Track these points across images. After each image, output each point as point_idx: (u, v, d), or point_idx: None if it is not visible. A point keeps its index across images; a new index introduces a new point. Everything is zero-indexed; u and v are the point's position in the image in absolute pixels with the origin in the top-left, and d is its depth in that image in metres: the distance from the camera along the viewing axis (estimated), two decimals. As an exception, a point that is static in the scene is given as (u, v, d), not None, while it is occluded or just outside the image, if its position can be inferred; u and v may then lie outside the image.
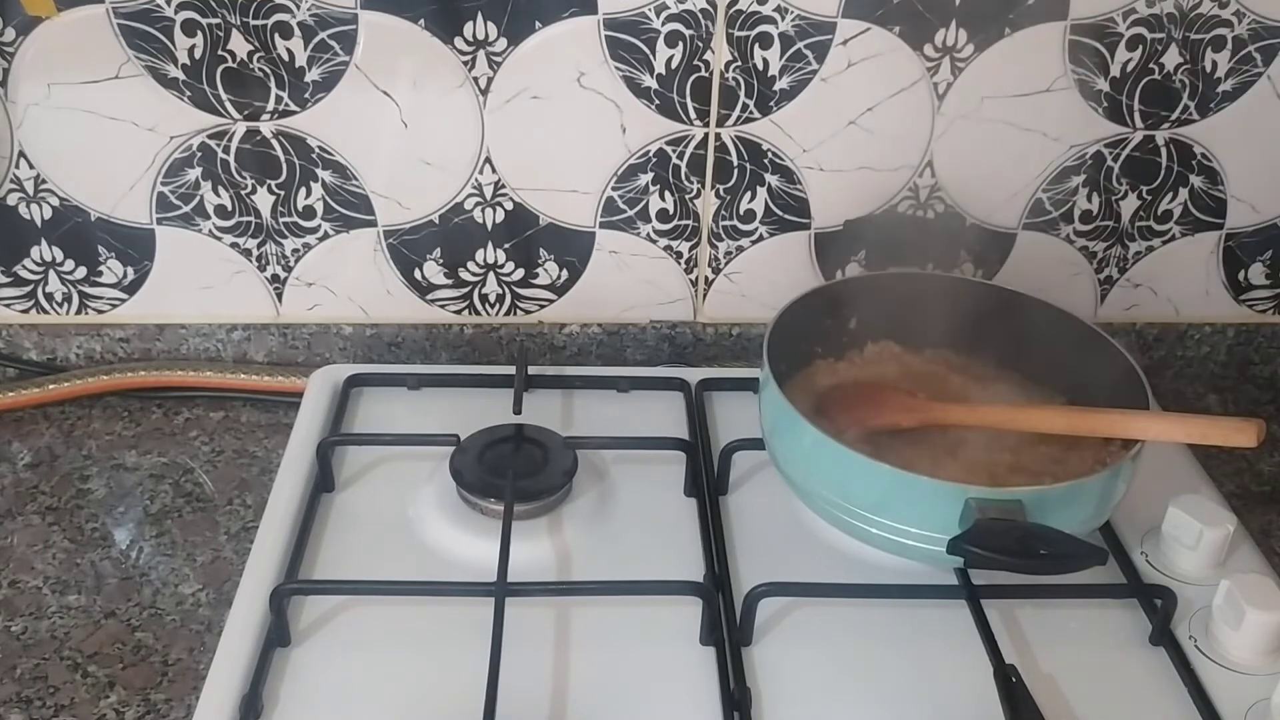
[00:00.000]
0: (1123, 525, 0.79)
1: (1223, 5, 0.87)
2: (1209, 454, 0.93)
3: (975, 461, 0.76)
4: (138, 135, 0.88)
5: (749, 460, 0.82)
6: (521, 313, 0.99)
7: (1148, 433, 0.71)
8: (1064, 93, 0.90)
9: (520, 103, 0.89)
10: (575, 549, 0.76)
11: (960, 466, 0.76)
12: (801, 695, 0.67)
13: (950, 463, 0.76)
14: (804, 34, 0.87)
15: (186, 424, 0.94)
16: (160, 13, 0.84)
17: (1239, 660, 0.69)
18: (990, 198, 0.95)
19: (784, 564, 0.75)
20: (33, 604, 0.76)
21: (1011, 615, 0.72)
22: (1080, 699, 0.67)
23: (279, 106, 0.88)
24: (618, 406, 0.90)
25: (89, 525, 0.83)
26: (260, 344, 0.98)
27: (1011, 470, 0.75)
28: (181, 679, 0.71)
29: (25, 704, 0.69)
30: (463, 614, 0.69)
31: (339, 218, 0.93)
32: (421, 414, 0.88)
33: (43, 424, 0.93)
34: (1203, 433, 0.71)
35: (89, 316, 0.97)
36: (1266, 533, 0.86)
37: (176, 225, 0.93)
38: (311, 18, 0.85)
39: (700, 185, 0.93)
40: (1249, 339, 1.03)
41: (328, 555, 0.76)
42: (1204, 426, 0.72)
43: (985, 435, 0.77)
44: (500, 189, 0.93)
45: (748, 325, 1.00)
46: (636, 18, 0.86)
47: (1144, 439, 0.71)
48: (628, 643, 0.70)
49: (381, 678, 0.67)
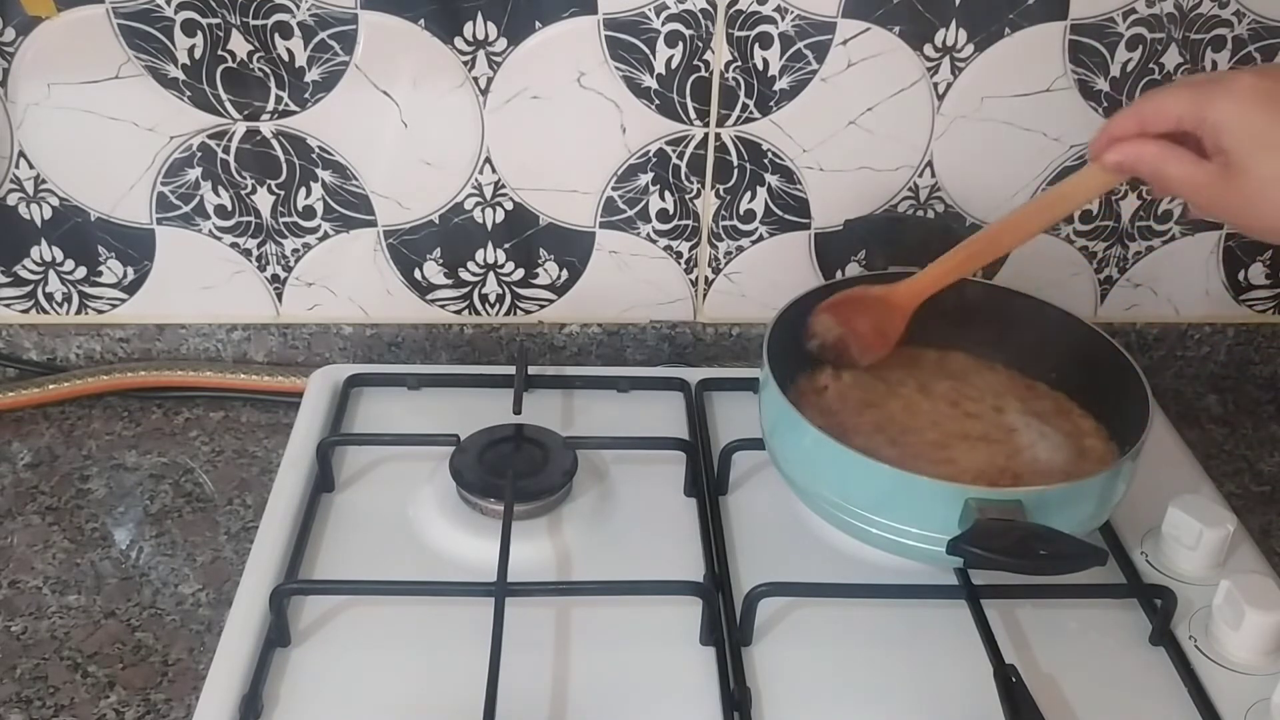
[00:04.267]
0: (1123, 525, 0.79)
1: (1223, 5, 0.87)
2: (1209, 454, 0.94)
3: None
4: (138, 135, 0.88)
5: (749, 460, 0.82)
6: (521, 313, 0.99)
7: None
8: (1064, 93, 0.90)
9: (520, 103, 0.89)
10: (575, 549, 0.76)
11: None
12: (801, 695, 0.67)
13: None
14: (804, 34, 0.87)
15: (186, 424, 0.94)
16: (160, 13, 0.84)
17: (1239, 660, 0.69)
18: (990, 198, 0.95)
19: (784, 564, 0.75)
20: (33, 604, 0.76)
21: (1011, 615, 0.72)
22: (1080, 699, 0.67)
23: (279, 106, 0.88)
24: (618, 406, 0.90)
25: (89, 525, 0.83)
26: (260, 344, 0.98)
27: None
28: (181, 679, 0.71)
29: (25, 704, 0.69)
30: (463, 614, 0.69)
31: (339, 218, 0.93)
32: (421, 414, 0.88)
33: (43, 424, 0.93)
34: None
35: (89, 316, 0.97)
36: (1266, 533, 0.86)
37: (176, 225, 0.93)
38: (311, 18, 0.85)
39: (700, 185, 0.93)
40: (1249, 339, 1.03)
41: (328, 555, 0.76)
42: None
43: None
44: (500, 189, 0.93)
45: (748, 325, 1.00)
46: (636, 18, 0.86)
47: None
48: (628, 643, 0.70)
49: (381, 678, 0.67)
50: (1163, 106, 0.62)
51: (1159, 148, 0.62)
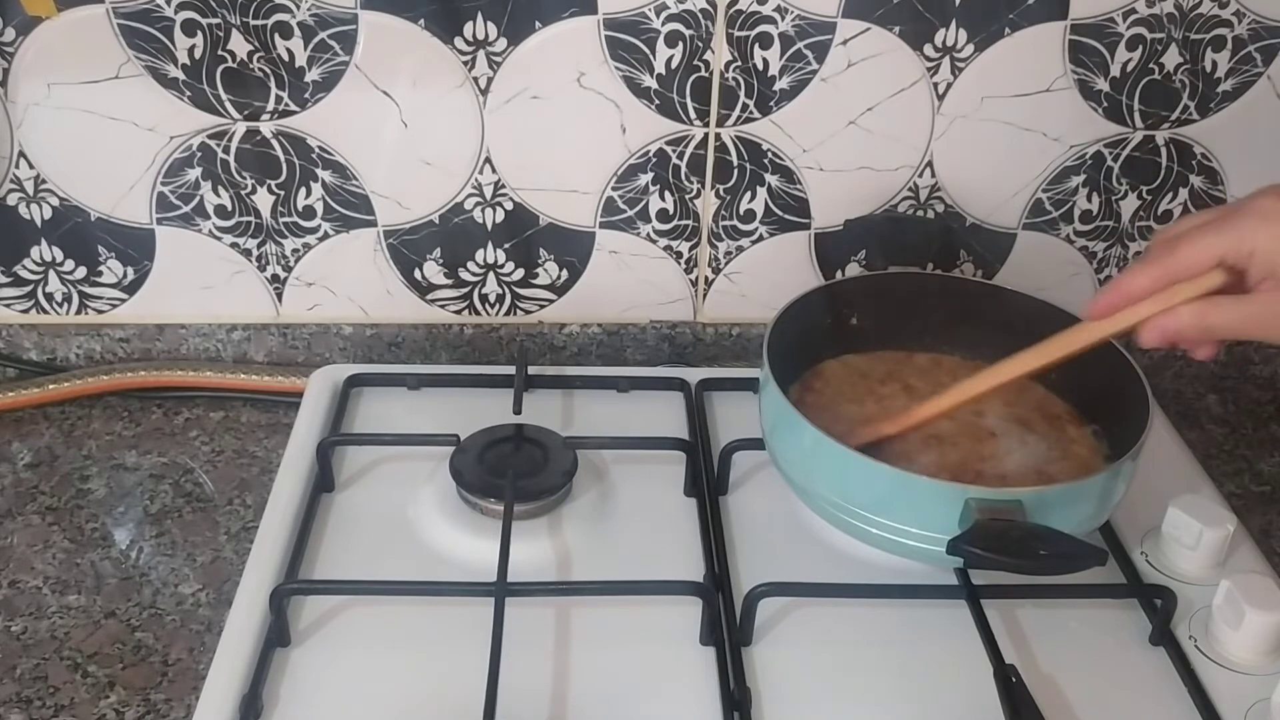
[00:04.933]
0: (1123, 525, 0.79)
1: (1223, 5, 0.87)
2: (1209, 454, 0.94)
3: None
4: (138, 135, 0.88)
5: (749, 460, 0.82)
6: (521, 313, 0.99)
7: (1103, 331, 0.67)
8: (1064, 93, 0.90)
9: (520, 103, 0.89)
10: (575, 549, 0.76)
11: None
12: (801, 695, 0.67)
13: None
14: (804, 34, 0.87)
15: (186, 424, 0.94)
16: (160, 13, 0.84)
17: (1239, 660, 0.69)
18: (990, 198, 0.95)
19: (784, 564, 0.75)
20: (33, 604, 0.76)
21: (1011, 615, 0.72)
22: (1080, 699, 0.67)
23: (279, 106, 0.88)
24: (618, 406, 0.90)
25: (89, 525, 0.83)
26: (260, 344, 0.98)
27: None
28: (181, 679, 0.71)
29: (25, 704, 0.69)
30: (463, 614, 0.69)
31: (339, 218, 0.93)
32: (421, 414, 0.88)
33: (43, 424, 0.93)
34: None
35: (89, 316, 0.97)
36: (1266, 533, 0.86)
37: (176, 225, 0.93)
38: (311, 18, 0.85)
39: (700, 185, 0.93)
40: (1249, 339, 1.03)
41: (328, 555, 0.76)
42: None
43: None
44: (500, 189, 0.93)
45: (748, 325, 1.00)
46: (636, 18, 0.86)
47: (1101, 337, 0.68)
48: (628, 643, 0.70)
49: (381, 678, 0.67)
50: (1195, 255, 0.61)
51: (1194, 310, 0.62)
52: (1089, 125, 0.92)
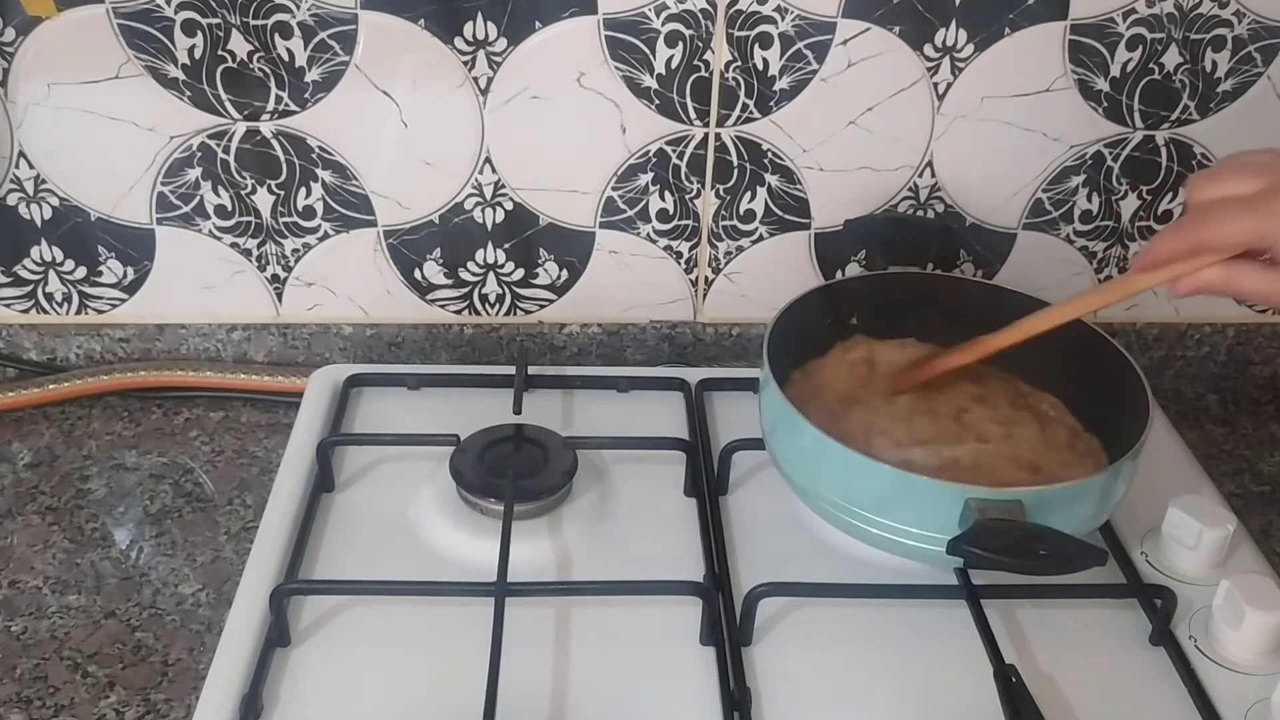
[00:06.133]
0: (1123, 525, 0.79)
1: (1223, 5, 0.87)
2: (1209, 454, 0.94)
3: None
4: (138, 135, 0.88)
5: (749, 460, 0.82)
6: (521, 313, 0.99)
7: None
8: (1064, 93, 0.90)
9: (520, 103, 0.89)
10: (575, 549, 0.76)
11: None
12: (801, 695, 0.67)
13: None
14: (804, 34, 0.87)
15: (186, 424, 0.94)
16: (160, 13, 0.84)
17: (1239, 660, 0.69)
18: (990, 198, 0.95)
19: (784, 564, 0.75)
20: (33, 604, 0.76)
21: (1011, 615, 0.72)
22: (1080, 699, 0.67)
23: (279, 106, 0.88)
24: (618, 406, 0.90)
25: (89, 525, 0.83)
26: (260, 344, 0.98)
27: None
28: (181, 679, 0.71)
29: (25, 704, 0.69)
30: (463, 614, 0.69)
31: (339, 218, 0.93)
32: (421, 414, 0.88)
33: (43, 424, 0.93)
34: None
35: (89, 316, 0.97)
36: (1266, 533, 0.86)
37: (176, 225, 0.93)
38: (311, 18, 0.85)
39: (700, 185, 0.93)
40: (1249, 339, 1.03)
41: (328, 555, 0.76)
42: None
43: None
44: (500, 189, 0.93)
45: (748, 325, 1.00)
46: (636, 18, 0.86)
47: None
48: (628, 643, 0.70)
49: (381, 678, 0.67)
50: (1220, 235, 0.63)
51: (1222, 270, 0.64)
52: (1089, 125, 0.92)
